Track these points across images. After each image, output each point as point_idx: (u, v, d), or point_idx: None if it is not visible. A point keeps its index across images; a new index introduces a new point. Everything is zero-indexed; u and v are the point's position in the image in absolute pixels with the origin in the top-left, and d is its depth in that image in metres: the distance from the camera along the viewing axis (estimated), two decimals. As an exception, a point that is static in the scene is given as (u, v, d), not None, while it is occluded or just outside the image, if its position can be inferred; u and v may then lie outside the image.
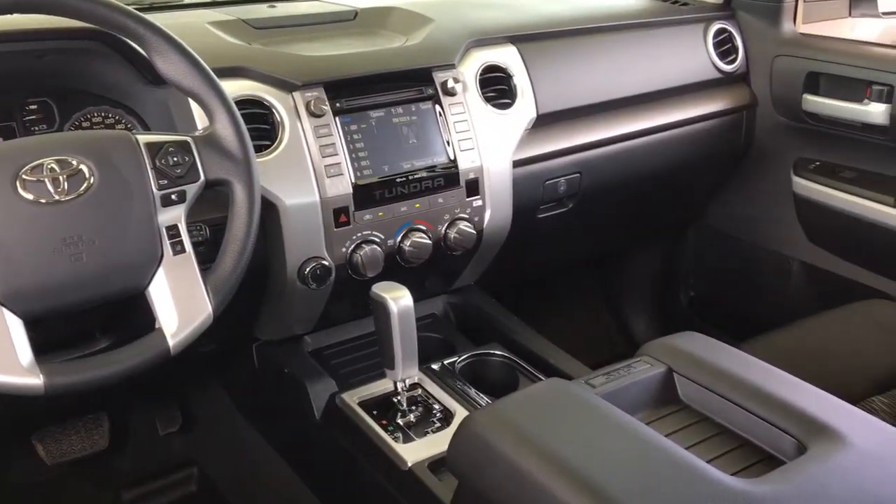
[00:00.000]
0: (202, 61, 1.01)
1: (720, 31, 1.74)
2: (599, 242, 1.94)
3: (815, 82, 1.67)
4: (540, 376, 1.34)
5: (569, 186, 1.57)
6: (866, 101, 1.58)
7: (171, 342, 0.94)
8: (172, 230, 0.95)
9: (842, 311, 1.51)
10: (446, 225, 1.36)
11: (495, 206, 1.42)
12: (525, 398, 0.99)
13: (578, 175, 1.57)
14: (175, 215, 0.96)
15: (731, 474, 0.88)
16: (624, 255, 2.13)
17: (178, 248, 0.95)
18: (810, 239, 1.76)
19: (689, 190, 1.89)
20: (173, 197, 0.95)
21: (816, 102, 1.66)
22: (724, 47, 1.74)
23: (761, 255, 1.87)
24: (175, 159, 0.96)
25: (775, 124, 1.76)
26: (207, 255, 1.05)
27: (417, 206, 1.33)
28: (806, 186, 1.71)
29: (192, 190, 0.97)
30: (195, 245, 1.02)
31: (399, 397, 1.25)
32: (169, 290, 0.95)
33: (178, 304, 0.95)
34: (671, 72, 1.67)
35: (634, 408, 1.00)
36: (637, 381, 1.02)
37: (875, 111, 1.56)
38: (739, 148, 1.80)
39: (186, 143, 0.97)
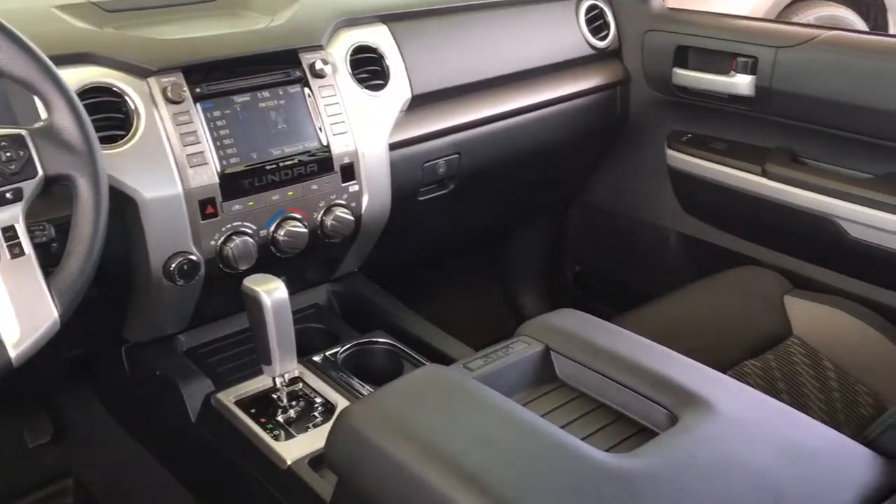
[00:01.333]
0: (34, 47, 0.93)
1: (591, 8, 1.75)
2: (483, 222, 1.93)
3: (683, 56, 1.70)
4: (424, 361, 1.32)
5: (448, 168, 1.55)
6: (732, 73, 1.62)
7: (12, 353, 0.87)
8: (9, 231, 0.88)
9: (715, 280, 1.56)
10: (322, 212, 1.32)
11: (373, 191, 1.39)
12: (401, 387, 0.97)
13: (457, 156, 1.56)
14: (11, 215, 0.88)
15: (606, 449, 0.89)
16: (510, 233, 2.13)
17: (17, 251, 0.88)
18: (685, 210, 1.81)
19: (569, 166, 1.90)
20: (8, 195, 0.88)
21: (686, 76, 1.69)
22: (596, 23, 1.76)
23: (640, 227, 1.91)
24: (8, 154, 0.88)
25: (648, 99, 1.79)
26: (56, 257, 0.97)
27: (290, 193, 1.28)
28: (679, 158, 1.74)
29: (29, 187, 0.89)
30: (39, 247, 0.94)
31: (278, 393, 1.20)
32: (8, 297, 0.87)
33: (19, 311, 0.88)
34: (545, 49, 1.67)
35: (512, 389, 0.99)
36: (515, 362, 1.01)
37: (741, 83, 1.61)
38: (615, 123, 1.83)
39: (20, 136, 0.89)
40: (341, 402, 1.20)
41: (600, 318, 1.46)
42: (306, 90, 1.31)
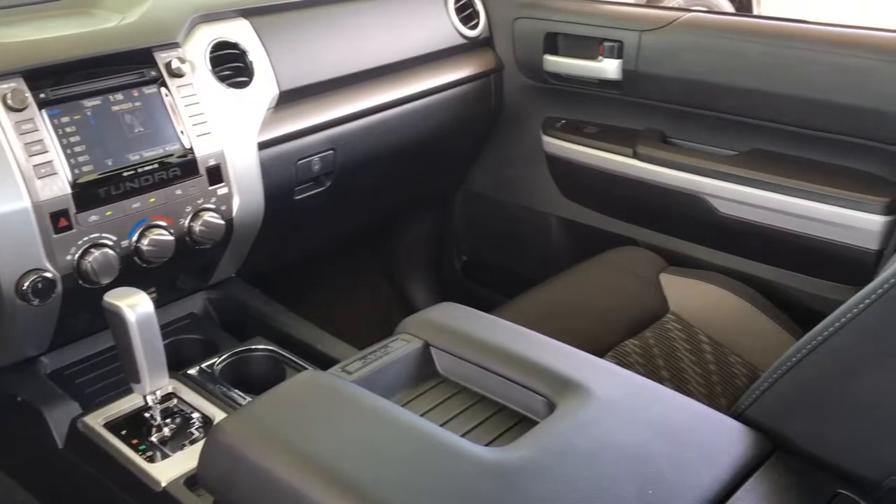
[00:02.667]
0: None
1: (460, -3, 1.75)
2: (366, 217, 1.90)
3: (553, 43, 1.72)
4: (308, 366, 1.28)
5: (324, 164, 1.52)
6: (600, 57, 1.64)
7: None
8: None
9: (594, 262, 1.58)
10: (189, 218, 1.26)
11: (244, 193, 1.34)
12: (275, 397, 0.93)
13: (332, 152, 1.52)
14: None
15: (487, 443, 0.89)
16: (395, 226, 2.11)
17: None
18: (564, 194, 1.83)
19: (449, 156, 1.89)
20: None
21: (556, 62, 1.71)
22: (466, 12, 1.75)
23: (523, 214, 1.92)
24: None
25: (522, 86, 1.80)
26: None
27: (153, 200, 1.22)
28: (554, 144, 1.76)
29: None
30: None
31: (151, 412, 1.14)
32: None
33: None
34: (415, 40, 1.65)
35: (392, 389, 0.97)
36: (394, 361, 0.99)
37: (608, 67, 1.63)
38: (491, 112, 1.83)
39: None
40: (219, 416, 1.15)
41: (489, 305, 1.46)
42: (163, 90, 1.24)
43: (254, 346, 1.33)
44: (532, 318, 1.36)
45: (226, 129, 1.30)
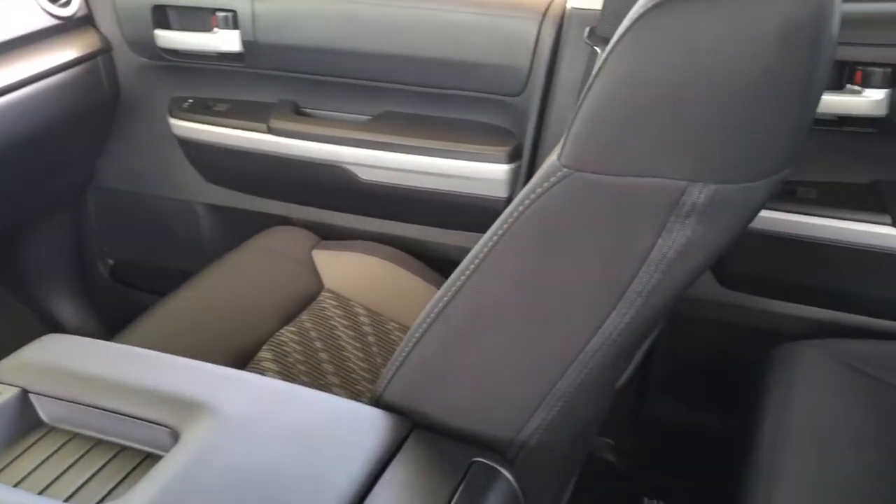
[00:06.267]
0: None
1: (41, -29, 1.51)
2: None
3: (163, 16, 1.56)
4: None
5: None
6: (215, 29, 1.52)
7: None
8: None
9: (243, 249, 1.48)
10: None
11: None
12: None
13: None
14: None
15: (104, 497, 0.77)
16: (19, 238, 1.83)
17: None
18: (207, 179, 1.70)
19: (66, 153, 1.66)
20: None
21: (169, 37, 1.55)
22: (53, -12, 1.52)
23: (166, 205, 1.76)
24: None
25: (138, 67, 1.63)
26: None
27: None
28: (184, 127, 1.62)
29: None
30: None
31: None
32: None
33: None
34: (-10, 24, 1.40)
35: (-19, 456, 0.81)
36: (-19, 421, 0.83)
37: (226, 39, 1.52)
38: (106, 98, 1.63)
39: None
40: None
41: (145, 308, 1.30)
42: None
43: None
44: (171, 329, 1.24)
45: None
